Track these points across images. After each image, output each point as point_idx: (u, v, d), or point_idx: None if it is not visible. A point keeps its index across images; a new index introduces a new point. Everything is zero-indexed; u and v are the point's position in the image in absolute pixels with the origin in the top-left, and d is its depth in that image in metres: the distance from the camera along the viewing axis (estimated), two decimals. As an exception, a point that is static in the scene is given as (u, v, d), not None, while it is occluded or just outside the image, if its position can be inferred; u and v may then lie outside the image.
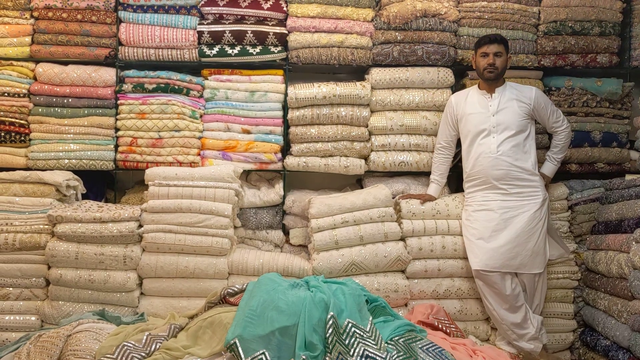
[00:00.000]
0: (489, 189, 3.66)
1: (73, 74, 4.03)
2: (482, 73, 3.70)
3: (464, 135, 3.81)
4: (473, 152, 3.73)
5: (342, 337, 2.76)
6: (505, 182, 3.62)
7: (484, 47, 3.68)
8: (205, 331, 2.93)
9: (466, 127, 3.78)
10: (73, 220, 3.57)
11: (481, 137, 3.70)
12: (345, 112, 4.06)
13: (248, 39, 4.06)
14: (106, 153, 4.05)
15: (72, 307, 3.58)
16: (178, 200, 3.65)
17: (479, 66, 3.71)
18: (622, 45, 4.20)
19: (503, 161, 3.62)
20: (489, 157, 3.65)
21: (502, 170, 3.62)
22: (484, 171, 3.67)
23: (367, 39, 4.11)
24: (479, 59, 3.71)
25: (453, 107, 3.87)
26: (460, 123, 3.84)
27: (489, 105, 3.71)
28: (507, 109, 3.68)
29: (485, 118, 3.69)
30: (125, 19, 4.09)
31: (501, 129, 3.65)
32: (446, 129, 3.92)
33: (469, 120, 3.75)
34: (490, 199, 3.65)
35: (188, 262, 3.61)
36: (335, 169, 4.10)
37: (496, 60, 3.65)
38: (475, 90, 3.82)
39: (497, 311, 3.58)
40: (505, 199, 3.62)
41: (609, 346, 3.40)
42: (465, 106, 3.80)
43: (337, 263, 3.65)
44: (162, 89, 4.05)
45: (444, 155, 3.96)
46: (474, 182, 3.75)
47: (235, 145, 4.07)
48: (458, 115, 3.84)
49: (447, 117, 3.92)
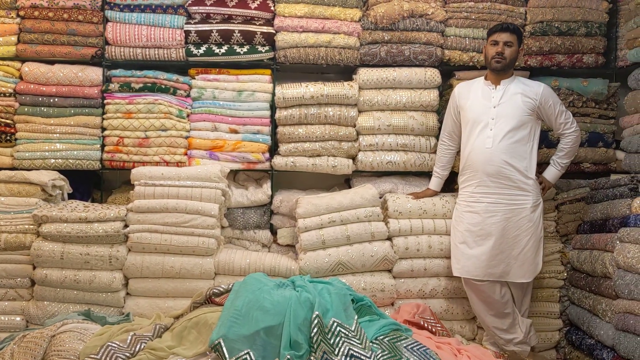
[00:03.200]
0: (480, 185, 3.53)
1: (59, 73, 4.02)
2: (490, 62, 3.53)
3: (463, 125, 3.68)
4: (469, 144, 3.59)
5: (327, 337, 2.76)
6: (495, 179, 3.48)
7: (495, 34, 3.52)
8: (191, 331, 2.93)
9: (465, 117, 3.64)
10: (58, 220, 3.55)
11: (479, 128, 3.54)
12: (332, 112, 4.06)
13: (235, 38, 4.06)
14: (92, 153, 4.04)
15: (57, 307, 3.57)
16: (164, 200, 3.64)
17: (488, 54, 3.56)
18: (608, 46, 4.22)
19: (497, 157, 3.46)
20: (484, 150, 3.50)
21: (494, 166, 3.47)
22: (476, 165, 3.53)
23: (355, 39, 4.11)
24: (489, 47, 3.56)
25: (456, 97, 3.73)
26: (462, 114, 3.69)
27: (491, 97, 3.55)
28: (510, 102, 3.51)
29: (486, 109, 3.54)
30: (112, 18, 4.07)
31: (501, 122, 3.48)
32: (449, 120, 3.80)
33: (469, 110, 3.61)
34: (478, 199, 3.53)
35: (174, 262, 3.60)
36: (323, 168, 4.10)
37: (506, 49, 3.48)
38: (481, 80, 3.68)
39: (484, 317, 3.55)
40: (493, 201, 3.49)
41: (593, 345, 3.42)
42: (468, 96, 3.65)
43: (324, 263, 3.66)
44: (149, 88, 4.04)
45: (447, 146, 3.84)
46: (466, 175, 3.63)
47: (223, 145, 4.06)
48: (460, 105, 3.69)
49: (450, 108, 3.79)
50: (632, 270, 3.07)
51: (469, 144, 3.60)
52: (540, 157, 4.17)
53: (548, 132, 4.12)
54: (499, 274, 3.46)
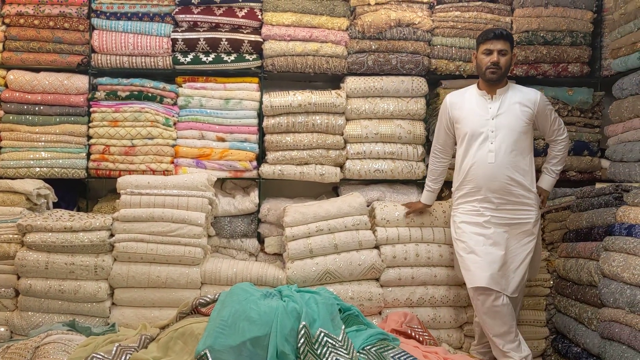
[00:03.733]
0: (482, 201, 3.36)
1: (45, 81, 3.99)
2: (484, 73, 3.35)
3: (459, 138, 3.49)
4: (468, 159, 3.40)
5: (314, 347, 2.75)
6: (499, 195, 3.32)
7: (488, 43, 3.33)
8: (177, 342, 2.90)
9: (462, 130, 3.44)
10: (43, 230, 3.52)
11: (478, 142, 3.36)
12: (320, 120, 4.06)
13: (223, 46, 4.06)
14: (78, 161, 4.01)
15: (41, 317, 3.53)
16: (150, 209, 3.62)
17: (481, 64, 3.37)
18: (593, 55, 4.26)
19: (501, 173, 3.31)
20: (486, 166, 3.33)
21: (498, 182, 3.31)
22: (478, 180, 3.35)
23: (342, 47, 4.12)
24: (481, 56, 3.36)
25: (448, 108, 3.53)
26: (456, 126, 3.50)
27: (488, 108, 3.38)
28: (509, 113, 3.34)
29: (483, 121, 3.36)
30: (98, 26, 4.06)
31: (501, 135, 3.32)
32: (441, 131, 3.61)
33: (465, 122, 3.42)
34: (481, 212, 3.36)
35: (160, 272, 3.57)
36: (311, 177, 4.10)
37: (500, 59, 3.31)
38: (474, 90, 3.48)
39: (492, 336, 3.31)
40: (497, 215, 3.33)
41: (579, 353, 3.43)
42: (462, 107, 3.45)
43: (311, 272, 3.65)
44: (136, 96, 4.02)
45: (439, 159, 3.66)
46: (466, 190, 3.43)
47: (210, 153, 4.05)
48: (454, 117, 3.49)
49: (442, 118, 3.59)
50: (617, 279, 3.09)
51: (468, 157, 3.41)
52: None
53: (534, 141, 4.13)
54: (502, 286, 3.29)
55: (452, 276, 3.77)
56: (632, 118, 3.65)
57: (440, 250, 3.77)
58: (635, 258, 3.05)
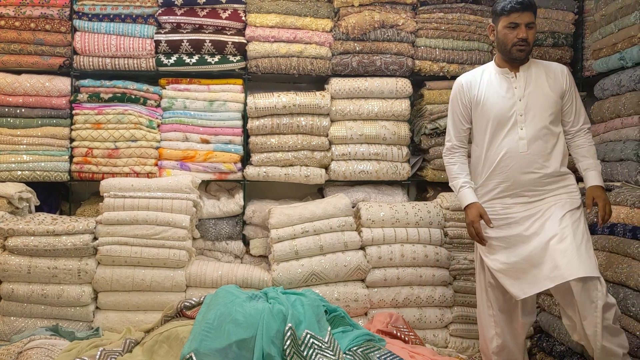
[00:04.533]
0: (511, 197, 2.97)
1: (26, 84, 3.94)
2: (510, 50, 2.91)
3: (481, 126, 3.04)
4: (494, 150, 2.97)
5: (300, 349, 2.74)
6: (531, 188, 2.93)
7: (514, 15, 2.87)
8: (162, 345, 2.88)
9: (484, 116, 3.00)
10: (25, 233, 3.48)
11: (506, 128, 2.93)
12: (305, 121, 4.06)
13: (206, 48, 4.04)
14: (60, 164, 3.97)
15: (24, 322, 3.49)
16: (134, 211, 3.59)
17: (505, 40, 2.92)
18: (575, 56, 4.31)
19: (535, 162, 2.90)
20: (518, 156, 2.91)
21: (533, 174, 2.90)
22: (508, 174, 2.94)
23: (326, 49, 4.12)
24: (505, 31, 2.91)
25: (464, 91, 3.08)
26: (475, 111, 3.06)
27: (513, 87, 2.95)
28: (537, 91, 2.93)
29: (510, 103, 2.93)
30: (81, 27, 4.02)
31: (531, 118, 2.90)
32: (458, 121, 3.14)
33: (488, 106, 2.98)
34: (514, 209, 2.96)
35: (144, 275, 3.55)
36: (296, 178, 4.09)
37: (529, 33, 2.89)
38: (492, 68, 3.06)
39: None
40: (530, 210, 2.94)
41: (564, 351, 3.46)
42: (481, 88, 3.02)
43: (297, 273, 3.64)
44: (119, 98, 3.99)
45: (462, 153, 3.16)
46: (491, 188, 3.02)
47: (194, 155, 4.02)
48: (472, 101, 3.05)
49: (457, 105, 3.12)
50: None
51: (495, 146, 2.98)
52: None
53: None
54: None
55: (438, 276, 3.78)
56: (613, 118, 3.70)
57: (425, 250, 3.78)
58: (617, 257, 3.08)
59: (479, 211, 3.00)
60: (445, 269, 3.82)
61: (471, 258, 3.79)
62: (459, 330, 3.81)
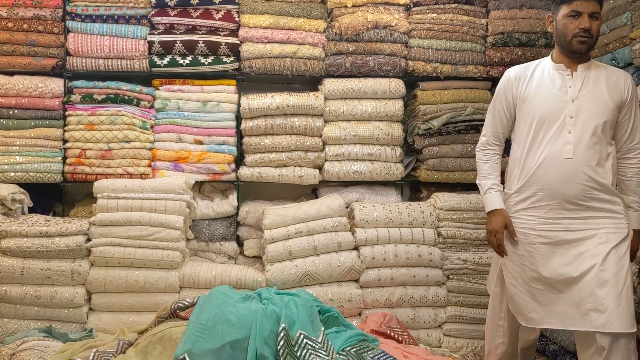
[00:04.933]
0: (549, 209, 2.66)
1: (19, 85, 3.93)
2: (570, 41, 2.64)
3: (524, 125, 2.75)
4: (535, 153, 2.69)
5: (294, 349, 2.75)
6: (574, 202, 2.62)
7: (575, 3, 2.61)
8: (155, 347, 2.88)
9: (529, 113, 2.72)
10: (18, 235, 3.47)
11: (552, 130, 2.64)
12: (299, 122, 4.07)
13: (200, 49, 4.04)
14: (54, 165, 3.95)
15: (17, 324, 3.48)
16: (127, 213, 3.59)
17: (564, 31, 2.65)
18: (567, 57, 4.32)
19: (580, 172, 2.59)
20: (562, 162, 2.61)
21: (578, 185, 2.59)
22: (548, 182, 2.64)
23: (320, 49, 4.13)
24: (565, 21, 2.64)
25: (513, 84, 2.81)
26: (520, 107, 2.78)
27: (567, 86, 2.67)
28: (594, 93, 2.63)
29: (561, 103, 2.65)
30: (74, 28, 4.01)
31: (581, 121, 2.60)
32: (498, 116, 2.88)
33: (536, 103, 2.70)
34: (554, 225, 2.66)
35: (138, 276, 3.54)
36: (290, 179, 4.10)
37: (593, 24, 2.61)
38: (547, 63, 2.78)
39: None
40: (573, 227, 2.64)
41: (556, 351, 3.48)
42: (531, 83, 2.75)
43: (290, 274, 3.65)
44: (112, 99, 3.99)
45: (496, 152, 2.92)
46: (528, 196, 2.73)
47: (187, 156, 4.02)
48: (519, 96, 2.78)
49: (501, 98, 2.86)
50: (592, 277, 3.13)
51: (536, 150, 2.69)
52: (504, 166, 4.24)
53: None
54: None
55: (431, 276, 3.79)
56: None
57: (419, 250, 3.79)
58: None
59: (504, 220, 2.76)
60: (439, 268, 3.83)
61: (464, 258, 3.81)
62: (453, 330, 3.82)
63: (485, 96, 4.23)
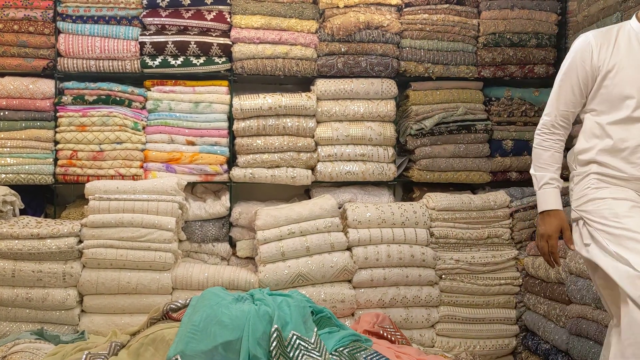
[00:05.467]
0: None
1: (9, 86, 3.91)
2: None
3: (606, 101, 2.26)
4: (619, 134, 2.21)
5: (287, 350, 2.74)
6: None
7: None
8: (147, 348, 2.86)
9: (615, 87, 2.22)
10: (9, 237, 3.46)
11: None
12: (291, 122, 4.06)
13: (191, 49, 4.03)
14: (45, 167, 3.94)
15: (8, 326, 3.46)
16: (119, 214, 3.58)
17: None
18: (558, 57, 4.34)
19: None
20: None
21: None
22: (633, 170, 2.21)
23: (312, 50, 4.13)
24: None
25: (592, 52, 2.27)
26: (601, 82, 2.26)
27: None
28: None
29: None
30: (65, 29, 3.99)
31: None
32: (570, 92, 2.33)
33: (623, 76, 2.20)
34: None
35: (130, 278, 3.53)
36: (282, 179, 4.09)
37: None
38: (633, 26, 2.26)
39: None
40: None
41: (549, 350, 3.49)
42: (617, 52, 2.23)
43: (283, 275, 3.64)
44: (103, 100, 3.97)
45: (560, 136, 2.40)
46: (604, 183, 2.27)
47: (180, 157, 4.01)
48: (603, 65, 2.24)
49: (577, 69, 2.31)
50: (584, 276, 3.15)
51: (619, 133, 2.22)
52: (495, 166, 4.27)
53: (502, 141, 4.22)
54: None
55: (424, 276, 3.80)
56: (596, 118, 3.72)
57: (411, 250, 3.79)
58: (600, 255, 3.10)
59: (560, 223, 2.33)
60: (432, 268, 3.84)
61: (457, 258, 3.82)
62: (446, 329, 3.83)
63: (477, 96, 4.24)
